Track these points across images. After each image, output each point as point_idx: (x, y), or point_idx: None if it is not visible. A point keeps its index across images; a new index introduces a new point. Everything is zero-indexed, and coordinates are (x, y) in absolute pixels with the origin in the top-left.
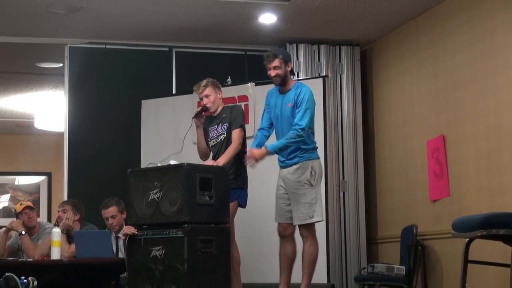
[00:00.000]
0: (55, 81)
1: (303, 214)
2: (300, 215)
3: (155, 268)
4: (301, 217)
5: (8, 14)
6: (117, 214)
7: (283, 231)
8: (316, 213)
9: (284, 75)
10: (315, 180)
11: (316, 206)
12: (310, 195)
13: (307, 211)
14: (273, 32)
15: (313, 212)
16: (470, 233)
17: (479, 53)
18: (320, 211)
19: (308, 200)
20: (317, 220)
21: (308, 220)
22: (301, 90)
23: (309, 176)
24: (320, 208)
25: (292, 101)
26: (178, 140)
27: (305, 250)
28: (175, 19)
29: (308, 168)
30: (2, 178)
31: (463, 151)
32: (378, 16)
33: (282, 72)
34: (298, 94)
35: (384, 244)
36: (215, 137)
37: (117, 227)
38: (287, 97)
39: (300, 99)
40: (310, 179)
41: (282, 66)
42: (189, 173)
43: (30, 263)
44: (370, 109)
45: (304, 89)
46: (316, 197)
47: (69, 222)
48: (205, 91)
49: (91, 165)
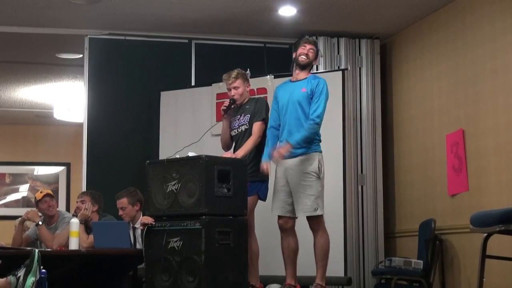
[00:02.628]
0: (74, 72)
1: (308, 206)
2: (305, 207)
3: (172, 259)
4: (305, 209)
5: (29, 5)
6: (126, 206)
7: (285, 224)
8: (320, 206)
9: (311, 61)
10: (322, 172)
11: (320, 199)
12: (317, 187)
13: (312, 203)
14: (292, 25)
15: (317, 205)
16: (488, 228)
17: (500, 47)
18: (323, 205)
19: (314, 193)
20: (321, 213)
21: (312, 212)
22: (319, 81)
23: (317, 168)
24: (323, 202)
25: (308, 88)
26: (197, 131)
27: (316, 243)
28: (195, 11)
29: (315, 159)
30: (21, 168)
31: (483, 145)
32: (398, 9)
33: (312, 56)
34: (317, 84)
35: (402, 238)
36: (237, 127)
37: (128, 218)
38: (300, 83)
39: (320, 90)
40: (318, 171)
41: (314, 52)
42: (208, 165)
43: (48, 253)
44: (389, 103)
45: (322, 81)
46: (322, 191)
47: (88, 213)
48: (235, 83)
49: (110, 156)
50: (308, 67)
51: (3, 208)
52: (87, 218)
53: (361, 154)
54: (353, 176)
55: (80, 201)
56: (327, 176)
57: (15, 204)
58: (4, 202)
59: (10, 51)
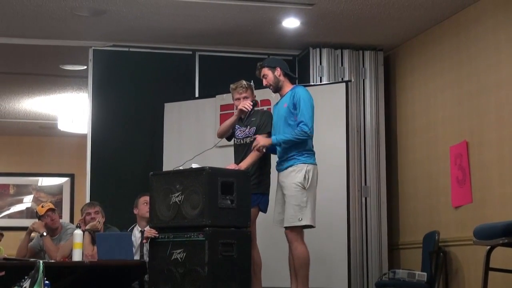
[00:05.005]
0: (79, 83)
1: (292, 216)
2: (289, 217)
3: (175, 271)
4: (289, 219)
5: (33, 16)
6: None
7: (286, 236)
8: (305, 216)
9: (275, 81)
10: (309, 183)
11: (306, 209)
12: (302, 197)
13: (296, 213)
14: (296, 37)
15: (302, 215)
16: (492, 240)
17: (504, 60)
18: (311, 216)
19: (298, 203)
20: (306, 224)
21: (296, 222)
22: (295, 91)
23: (302, 179)
24: (311, 213)
25: (288, 102)
26: (200, 143)
27: (292, 254)
28: (199, 23)
29: (302, 170)
30: (25, 179)
31: (487, 157)
32: (402, 21)
33: (271, 79)
34: (294, 95)
35: (406, 250)
36: (241, 137)
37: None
38: (283, 99)
39: (298, 99)
40: (303, 182)
41: (269, 73)
42: (211, 176)
43: (52, 264)
44: (393, 114)
45: (298, 90)
46: (308, 201)
47: (99, 226)
48: (245, 93)
49: (114, 167)
50: (279, 83)
51: (7, 219)
52: (97, 230)
53: (364, 166)
54: (357, 187)
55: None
56: (330, 187)
57: (19, 215)
58: (8, 213)
59: (15, 63)
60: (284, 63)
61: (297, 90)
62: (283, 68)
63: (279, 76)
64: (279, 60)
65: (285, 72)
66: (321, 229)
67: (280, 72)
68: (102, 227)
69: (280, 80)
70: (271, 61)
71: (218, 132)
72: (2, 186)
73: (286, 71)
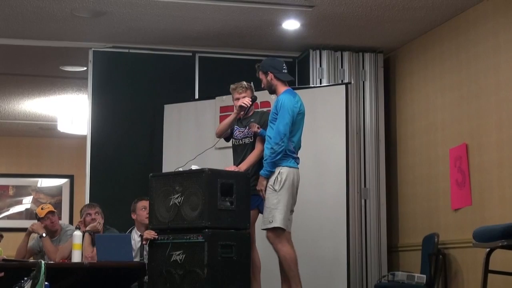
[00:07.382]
0: (78, 84)
1: (265, 219)
2: (263, 219)
3: (175, 272)
4: (263, 222)
5: (33, 17)
6: None
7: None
8: (275, 219)
9: (268, 85)
10: (280, 185)
11: (276, 212)
12: (272, 200)
13: (268, 216)
14: (296, 39)
15: (272, 217)
16: (491, 243)
17: (503, 62)
18: (280, 218)
19: (269, 205)
20: (276, 226)
21: (268, 225)
22: (279, 98)
23: (273, 181)
24: (281, 215)
25: (273, 108)
26: (200, 144)
27: (278, 256)
28: (199, 24)
29: (276, 173)
30: (25, 180)
31: (486, 160)
32: (402, 23)
33: (265, 83)
34: (277, 101)
35: (405, 252)
36: (240, 138)
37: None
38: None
39: (279, 107)
40: (274, 184)
41: (263, 77)
42: (211, 178)
43: (51, 265)
44: (393, 117)
45: (282, 96)
46: (278, 203)
47: (100, 227)
48: (245, 94)
49: (113, 169)
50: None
51: (6, 220)
52: (97, 231)
53: (364, 168)
54: (356, 189)
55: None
56: (330, 189)
57: (18, 216)
58: (8, 214)
59: (15, 64)
60: (278, 64)
61: (280, 97)
62: (274, 72)
63: (271, 80)
64: (272, 63)
65: (276, 76)
66: (321, 231)
67: (271, 76)
68: (102, 228)
69: (272, 84)
70: (264, 65)
71: (217, 130)
72: (2, 187)
73: (278, 74)
